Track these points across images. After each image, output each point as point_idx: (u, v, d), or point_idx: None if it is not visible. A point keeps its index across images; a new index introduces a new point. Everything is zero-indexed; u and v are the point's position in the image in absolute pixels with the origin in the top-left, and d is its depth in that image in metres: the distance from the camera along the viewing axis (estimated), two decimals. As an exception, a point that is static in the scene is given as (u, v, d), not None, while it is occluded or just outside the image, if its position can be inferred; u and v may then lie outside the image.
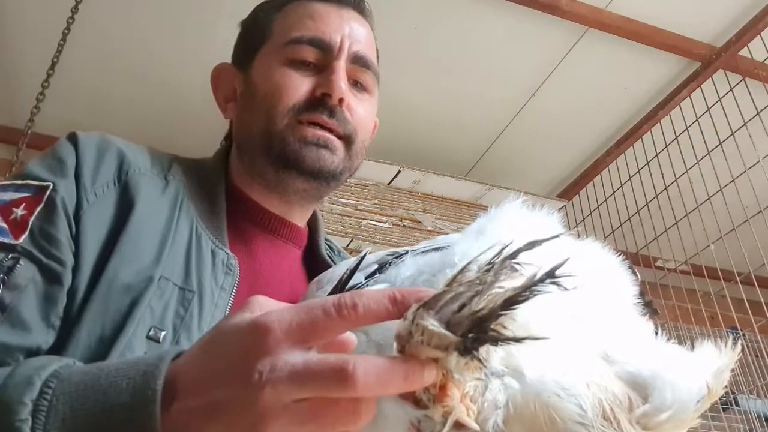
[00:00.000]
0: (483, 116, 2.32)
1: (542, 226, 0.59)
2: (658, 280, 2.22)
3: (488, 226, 0.58)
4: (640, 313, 0.58)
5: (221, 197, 0.78)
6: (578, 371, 0.44)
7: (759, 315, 1.89)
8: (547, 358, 0.46)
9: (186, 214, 0.73)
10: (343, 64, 0.79)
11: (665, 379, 0.43)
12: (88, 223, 0.66)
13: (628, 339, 0.50)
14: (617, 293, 0.57)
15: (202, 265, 0.70)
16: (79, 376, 0.45)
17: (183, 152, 0.89)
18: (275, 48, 0.80)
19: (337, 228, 2.18)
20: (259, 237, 0.80)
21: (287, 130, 0.76)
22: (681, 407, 0.41)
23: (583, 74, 2.16)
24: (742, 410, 2.39)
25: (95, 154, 0.71)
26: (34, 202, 0.64)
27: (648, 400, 0.42)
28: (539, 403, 0.43)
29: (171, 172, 0.76)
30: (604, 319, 0.52)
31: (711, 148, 2.00)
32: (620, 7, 1.95)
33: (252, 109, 0.80)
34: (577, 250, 0.59)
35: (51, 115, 1.91)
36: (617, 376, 0.44)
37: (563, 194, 2.62)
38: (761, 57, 1.95)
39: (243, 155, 0.82)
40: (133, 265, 0.65)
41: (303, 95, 0.77)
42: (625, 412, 0.42)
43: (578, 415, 0.41)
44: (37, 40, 1.92)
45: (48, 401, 0.43)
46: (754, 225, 1.89)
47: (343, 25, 0.81)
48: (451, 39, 2.04)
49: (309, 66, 0.79)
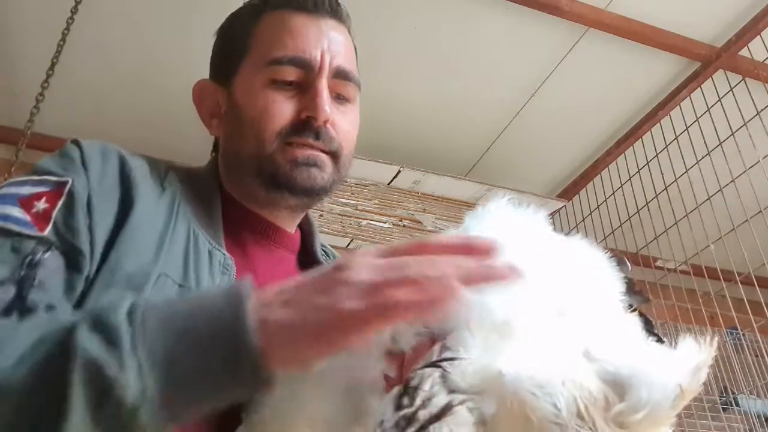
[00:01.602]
0: (483, 116, 2.32)
1: (527, 225, 0.59)
2: (658, 280, 2.22)
3: (474, 227, 0.58)
4: (625, 307, 0.59)
5: (217, 202, 0.80)
6: (555, 369, 0.44)
7: (759, 315, 1.89)
8: (525, 355, 0.46)
9: (183, 217, 0.74)
10: (325, 82, 0.79)
11: (641, 378, 0.43)
12: (99, 215, 0.68)
13: (610, 336, 0.50)
14: (603, 289, 0.57)
15: (200, 265, 0.71)
16: None
17: (182, 156, 0.90)
18: (256, 66, 0.81)
19: (337, 228, 2.19)
20: (253, 241, 0.82)
21: (277, 154, 0.78)
22: (656, 406, 0.42)
23: (583, 74, 2.15)
24: (742, 410, 2.39)
25: (99, 157, 0.73)
26: (55, 196, 0.66)
27: (624, 399, 0.43)
28: (515, 400, 0.43)
29: (167, 179, 0.78)
30: (588, 315, 0.53)
31: (711, 148, 2.00)
32: (620, 7, 1.94)
33: (239, 132, 0.81)
34: (562, 247, 0.60)
35: (51, 115, 1.92)
36: (596, 373, 0.45)
37: (563, 194, 2.62)
38: (761, 57, 1.95)
39: (232, 175, 0.83)
40: (133, 259, 0.67)
41: (288, 119, 0.78)
42: (601, 411, 0.42)
43: (553, 414, 0.42)
44: (37, 40, 1.92)
45: (141, 313, 0.49)
46: (754, 225, 1.89)
47: (322, 39, 0.81)
48: (451, 39, 2.04)
49: (291, 85, 0.79)
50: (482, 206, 0.61)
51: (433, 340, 0.52)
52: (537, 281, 0.51)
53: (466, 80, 2.18)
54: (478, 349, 0.47)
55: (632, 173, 2.29)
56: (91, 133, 2.47)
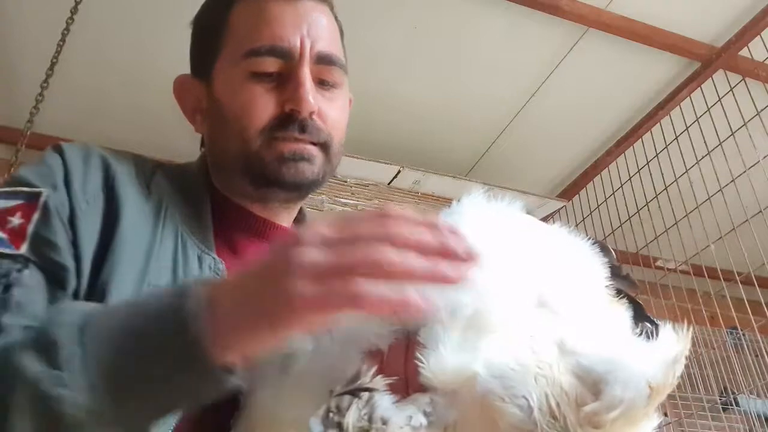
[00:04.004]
0: (483, 116, 2.32)
1: (502, 217, 0.58)
2: (658, 280, 2.22)
3: (448, 221, 0.58)
4: (613, 293, 0.58)
5: (205, 203, 0.78)
6: (529, 365, 0.44)
7: (759, 315, 1.89)
8: (500, 350, 0.46)
9: (170, 222, 0.73)
10: (307, 69, 0.75)
11: (616, 375, 0.42)
12: (84, 228, 0.66)
13: (588, 328, 0.50)
14: (585, 277, 0.57)
15: (189, 271, 0.69)
16: None
17: (182, 156, 0.89)
18: (234, 59, 0.77)
19: (337, 228, 2.18)
20: (245, 240, 0.79)
21: (263, 149, 0.75)
22: (631, 404, 0.41)
23: (583, 74, 2.15)
24: (742, 410, 2.39)
25: (81, 163, 0.71)
26: (29, 210, 0.64)
27: (599, 397, 0.42)
28: (484, 404, 0.43)
29: (154, 181, 0.76)
30: (569, 305, 0.52)
31: (711, 148, 2.00)
32: (620, 7, 1.94)
33: (223, 130, 0.78)
34: (542, 237, 0.60)
35: (50, 115, 1.91)
36: (570, 369, 0.44)
37: (563, 194, 2.62)
38: (761, 57, 1.95)
39: (219, 172, 0.81)
40: (123, 272, 0.65)
41: (271, 113, 0.75)
42: (574, 409, 0.41)
43: (520, 421, 0.41)
44: (37, 40, 1.92)
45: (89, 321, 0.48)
46: (754, 225, 1.89)
47: (301, 24, 0.76)
48: (450, 39, 2.04)
49: (272, 76, 0.76)
50: (456, 201, 0.60)
51: (408, 337, 0.51)
52: (514, 272, 0.51)
53: (466, 80, 2.18)
54: (453, 345, 0.47)
55: (632, 173, 2.29)
56: (90, 133, 2.48)
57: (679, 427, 2.23)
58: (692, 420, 2.18)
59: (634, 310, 0.57)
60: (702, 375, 2.39)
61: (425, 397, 0.46)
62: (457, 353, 0.46)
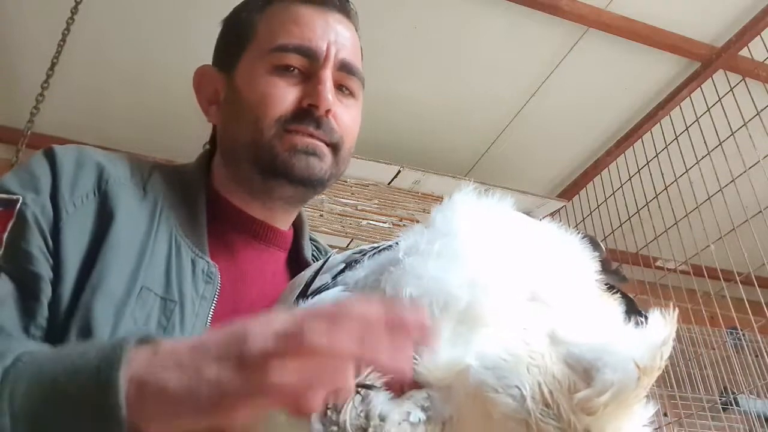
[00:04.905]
0: (483, 116, 2.32)
1: (492, 214, 0.59)
2: (658, 280, 2.22)
3: (437, 218, 0.58)
4: (604, 288, 0.58)
5: (201, 204, 0.78)
6: (521, 355, 0.44)
7: (759, 315, 1.89)
8: (493, 342, 0.46)
9: (165, 225, 0.72)
10: (330, 72, 0.78)
11: (606, 360, 0.42)
12: (69, 233, 0.66)
13: (579, 318, 0.50)
14: (575, 271, 0.57)
15: (182, 274, 0.69)
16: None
17: (182, 156, 0.89)
18: (260, 53, 0.79)
19: (337, 228, 2.18)
20: (242, 242, 0.80)
21: (275, 140, 0.76)
22: (621, 386, 0.41)
23: (583, 74, 2.15)
24: (742, 410, 2.39)
25: (73, 166, 0.71)
26: (5, 217, 0.64)
27: (590, 384, 0.42)
28: (478, 397, 0.43)
29: (150, 181, 0.76)
30: (561, 298, 0.52)
31: (711, 148, 2.00)
32: (620, 7, 1.94)
33: (238, 117, 0.79)
34: (532, 232, 0.60)
35: (50, 115, 1.92)
36: (562, 357, 0.44)
37: (563, 194, 2.62)
38: (761, 57, 1.95)
39: (228, 162, 0.81)
40: (114, 275, 0.65)
41: (289, 105, 0.77)
42: (566, 396, 0.42)
43: (514, 411, 0.41)
44: (37, 40, 1.92)
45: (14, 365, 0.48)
46: (754, 225, 1.89)
47: (329, 31, 0.80)
48: (450, 39, 2.04)
49: (294, 72, 0.78)
50: (448, 197, 0.60)
51: None
52: (506, 267, 0.51)
53: (466, 80, 2.18)
54: (446, 339, 0.47)
55: (632, 173, 2.29)
56: (90, 133, 2.48)
57: (679, 427, 2.23)
58: (692, 420, 2.19)
59: (627, 305, 0.58)
60: (702, 375, 2.40)
61: (422, 393, 0.46)
62: (450, 347, 0.46)
